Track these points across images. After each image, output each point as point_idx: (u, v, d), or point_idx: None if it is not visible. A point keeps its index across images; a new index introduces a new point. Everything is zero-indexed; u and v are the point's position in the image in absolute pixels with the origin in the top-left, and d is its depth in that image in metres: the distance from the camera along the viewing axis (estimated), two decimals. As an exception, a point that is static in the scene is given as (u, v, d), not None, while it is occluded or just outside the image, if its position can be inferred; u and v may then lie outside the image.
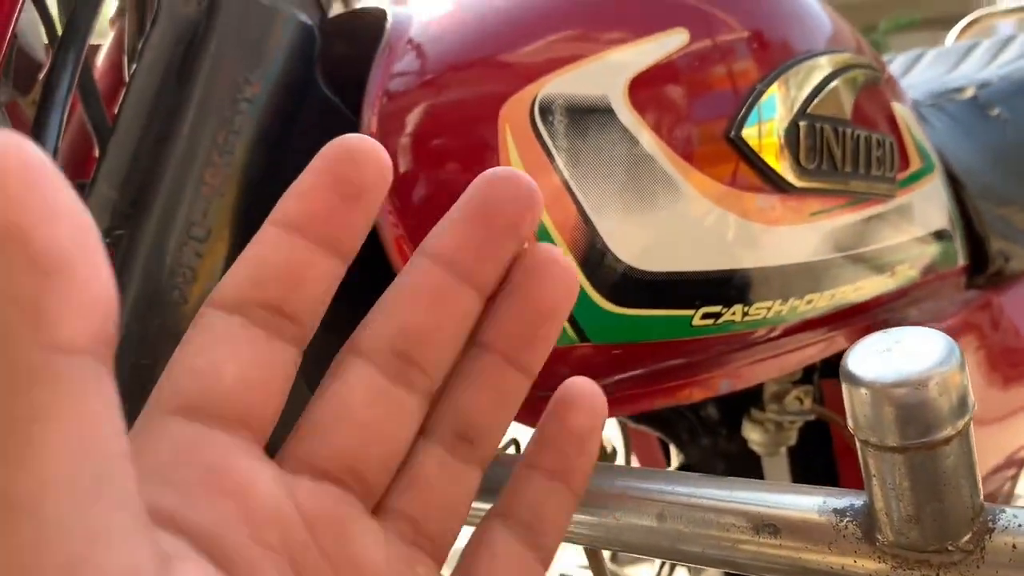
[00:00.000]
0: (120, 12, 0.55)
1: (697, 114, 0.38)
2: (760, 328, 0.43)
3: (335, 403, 0.19)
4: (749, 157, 0.39)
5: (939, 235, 0.60)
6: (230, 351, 0.18)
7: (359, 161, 0.18)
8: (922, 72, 0.99)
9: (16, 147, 0.11)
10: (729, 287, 0.40)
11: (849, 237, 0.46)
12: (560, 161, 0.36)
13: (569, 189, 0.36)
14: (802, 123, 0.41)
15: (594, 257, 0.37)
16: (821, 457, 0.62)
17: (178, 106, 0.35)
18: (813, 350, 0.51)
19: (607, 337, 0.38)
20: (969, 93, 0.80)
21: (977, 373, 0.66)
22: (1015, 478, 0.78)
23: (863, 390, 0.25)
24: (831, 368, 0.64)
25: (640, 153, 0.37)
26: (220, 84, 0.35)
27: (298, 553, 0.17)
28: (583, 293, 0.37)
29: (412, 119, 0.36)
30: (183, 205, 0.34)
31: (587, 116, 0.36)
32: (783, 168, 0.40)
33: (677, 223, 0.38)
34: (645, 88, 0.37)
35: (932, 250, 0.59)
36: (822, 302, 0.46)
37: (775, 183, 0.40)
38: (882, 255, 0.50)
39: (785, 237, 0.42)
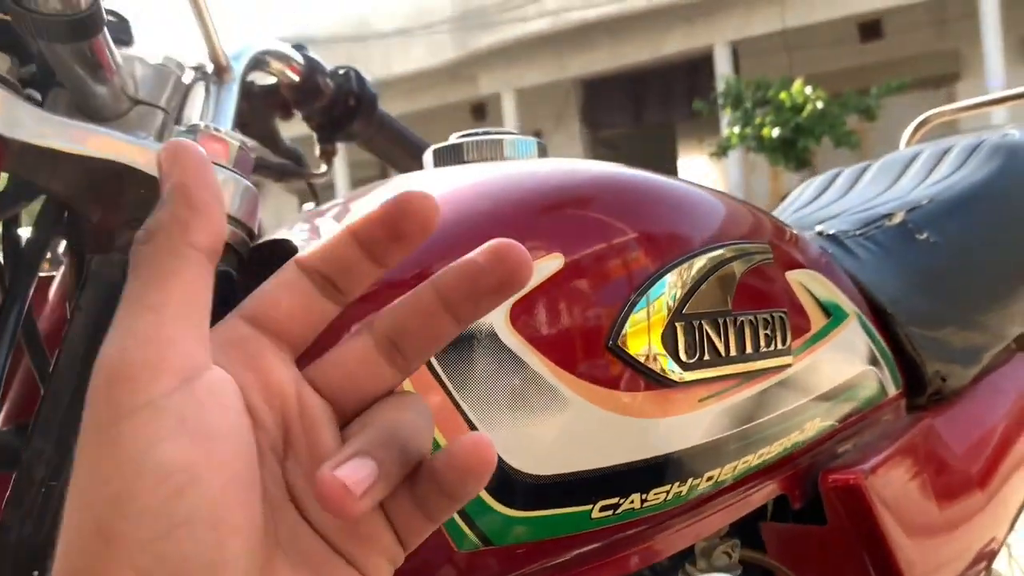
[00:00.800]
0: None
1: (577, 329, 0.42)
2: (662, 510, 0.46)
3: (342, 353, 0.29)
4: (629, 362, 0.43)
5: (858, 379, 0.63)
6: (288, 291, 0.28)
7: (407, 212, 0.27)
8: (863, 190, 1.04)
9: (183, 146, 0.26)
10: (624, 480, 0.44)
11: (744, 413, 0.49)
12: (452, 387, 0.39)
13: (459, 408, 0.40)
14: (679, 323, 0.45)
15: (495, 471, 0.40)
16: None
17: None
18: (734, 509, 0.54)
19: (509, 539, 0.42)
20: (898, 219, 0.84)
21: (921, 493, 0.69)
22: (987, 570, 0.80)
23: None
24: (781, 512, 0.67)
25: (526, 372, 0.41)
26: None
27: (288, 420, 0.27)
28: (481, 501, 0.40)
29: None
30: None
31: (474, 343, 0.40)
32: (664, 367, 0.44)
33: (566, 429, 0.42)
34: (526, 312, 0.41)
35: (852, 395, 0.62)
36: (725, 475, 0.49)
37: (658, 380, 0.44)
38: (785, 419, 0.53)
39: (674, 426, 0.45)
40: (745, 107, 10.69)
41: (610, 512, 0.44)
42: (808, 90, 10.21)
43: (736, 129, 10.72)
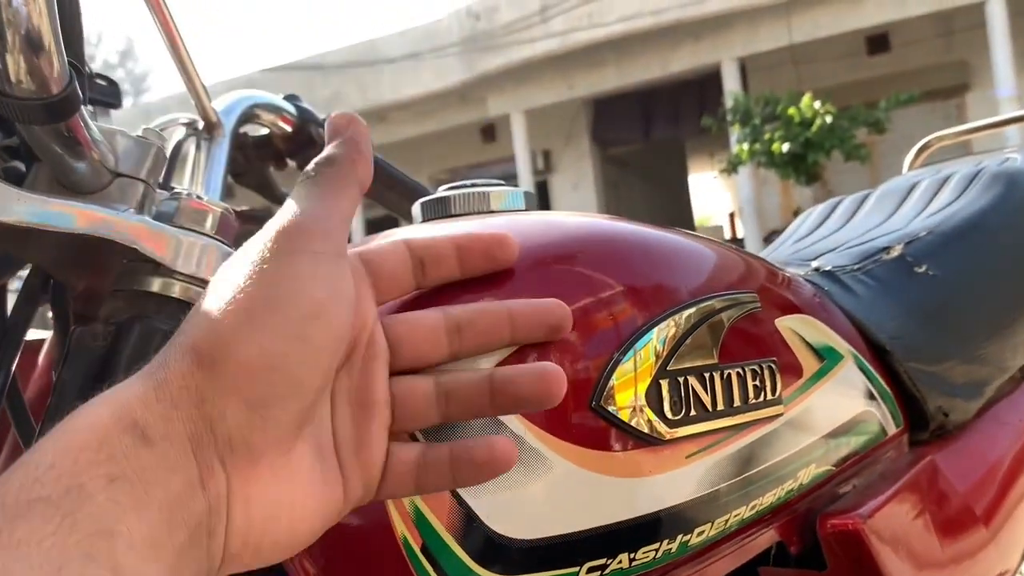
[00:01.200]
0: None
1: (559, 391, 0.42)
2: (653, 567, 0.46)
3: (418, 318, 0.37)
4: (613, 421, 0.43)
5: (855, 420, 0.63)
6: (393, 256, 0.37)
7: (502, 244, 0.41)
8: (863, 219, 1.03)
9: (351, 116, 0.37)
10: (610, 540, 0.43)
11: (734, 466, 0.49)
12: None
13: (443, 475, 0.39)
14: (663, 380, 0.45)
15: (473, 534, 0.40)
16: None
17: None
18: (730, 559, 0.53)
19: (494, 604, 0.41)
20: (896, 252, 0.84)
21: (924, 533, 0.68)
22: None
23: None
24: (782, 554, 0.66)
25: (507, 434, 0.41)
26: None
27: (358, 342, 0.34)
28: (467, 567, 0.40)
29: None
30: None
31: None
32: (650, 425, 0.44)
33: (550, 492, 0.42)
34: (507, 375, 0.41)
35: (850, 437, 0.62)
36: (717, 529, 0.49)
37: (644, 439, 0.44)
38: (778, 468, 0.53)
39: (661, 484, 0.45)
40: (754, 123, 10.69)
41: (598, 573, 0.43)
42: (817, 104, 10.21)
43: (746, 145, 10.72)
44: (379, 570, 0.39)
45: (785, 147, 10.24)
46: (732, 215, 19.69)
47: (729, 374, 0.48)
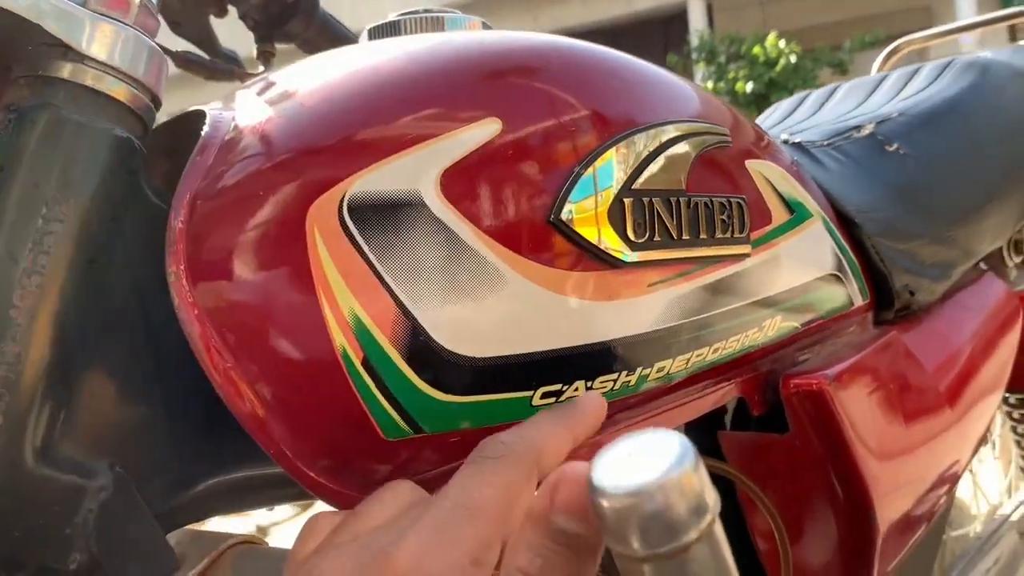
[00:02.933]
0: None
1: (514, 201, 0.39)
2: (609, 401, 0.43)
3: None
4: (572, 238, 0.40)
5: (822, 281, 0.60)
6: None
7: None
8: (833, 108, 1.01)
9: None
10: (567, 365, 0.41)
11: (698, 302, 0.46)
12: (374, 258, 0.36)
13: (386, 284, 0.36)
14: (626, 199, 0.41)
15: (419, 348, 0.37)
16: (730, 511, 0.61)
17: (-12, 229, 0.35)
18: (689, 408, 0.51)
19: (442, 426, 0.38)
20: (868, 130, 0.81)
21: (886, 406, 0.66)
22: (950, 493, 0.78)
23: (604, 501, 0.26)
24: (741, 422, 0.64)
25: (457, 244, 0.37)
26: (28, 205, 0.35)
27: None
28: (412, 385, 0.37)
29: (219, 224, 0.36)
30: (-8, 329, 0.34)
31: (399, 212, 0.36)
32: (610, 245, 0.41)
33: (503, 309, 0.38)
34: (457, 180, 0.37)
35: (816, 299, 0.60)
36: (678, 368, 0.46)
37: (604, 260, 0.41)
38: (743, 313, 0.50)
39: (622, 311, 0.42)
40: (719, 62, 10.61)
41: (552, 399, 0.41)
42: (782, 44, 10.15)
43: (710, 83, 10.65)
44: (315, 383, 0.36)
45: (749, 86, 10.19)
46: (694, 157, 19.64)
47: (696, 203, 0.45)
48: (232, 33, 0.79)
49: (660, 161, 0.43)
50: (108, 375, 0.38)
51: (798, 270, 0.57)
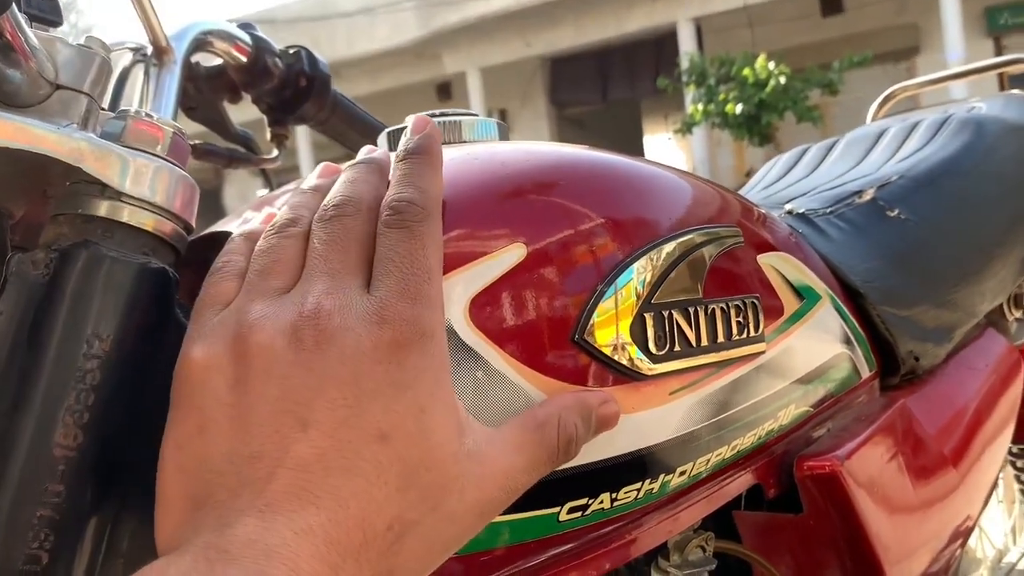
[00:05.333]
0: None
1: (540, 323, 0.40)
2: (634, 508, 0.44)
3: None
4: (596, 356, 0.41)
5: (832, 362, 0.62)
6: None
7: None
8: (831, 166, 1.02)
9: None
10: (593, 479, 0.42)
11: (717, 404, 0.47)
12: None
13: (418, 412, 0.37)
14: (647, 314, 0.43)
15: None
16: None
17: (29, 370, 0.36)
18: (709, 502, 0.52)
19: (472, 546, 0.39)
20: (868, 196, 0.83)
21: (897, 476, 0.67)
22: (961, 548, 0.79)
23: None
24: (755, 498, 0.65)
25: (487, 369, 0.38)
26: (69, 343, 0.36)
27: None
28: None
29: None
30: (37, 470, 0.35)
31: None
32: (633, 360, 0.42)
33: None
34: (485, 306, 0.39)
35: (826, 378, 0.61)
36: (699, 469, 0.47)
37: (627, 374, 0.42)
38: (760, 407, 0.51)
39: (645, 421, 0.43)
40: (709, 83, 10.70)
41: (579, 514, 0.42)
42: (771, 66, 10.24)
43: (700, 106, 10.73)
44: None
45: (739, 108, 10.27)
46: (686, 176, 19.70)
47: (713, 309, 0.46)
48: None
49: (678, 272, 0.45)
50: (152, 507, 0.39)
51: (810, 355, 0.58)
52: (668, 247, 0.45)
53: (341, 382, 0.31)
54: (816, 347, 0.59)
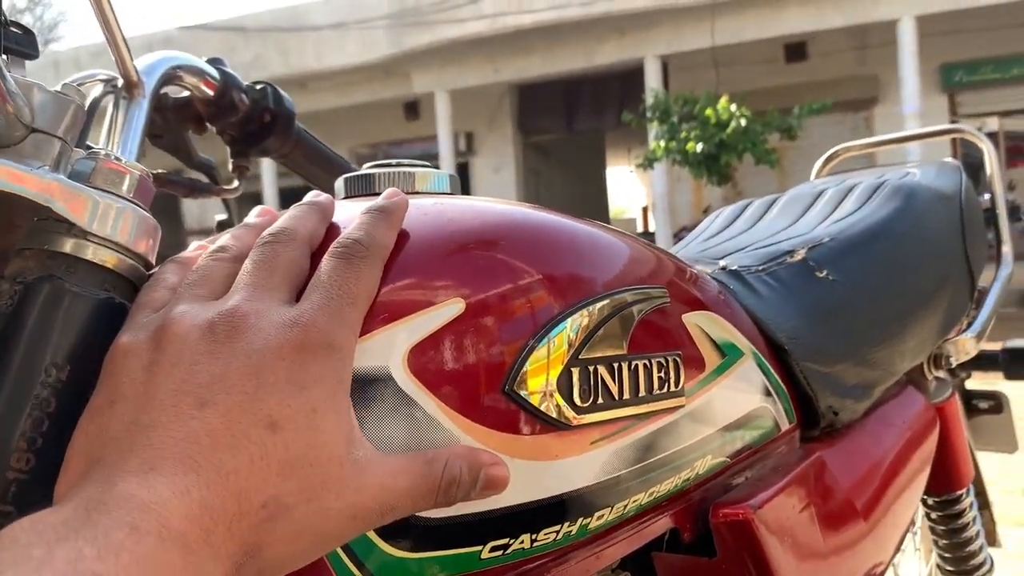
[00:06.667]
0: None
1: (473, 373, 0.43)
2: (553, 549, 0.47)
3: None
4: (524, 406, 0.44)
5: (751, 416, 0.66)
6: None
7: None
8: (770, 223, 1.07)
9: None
10: (515, 521, 0.45)
11: (636, 453, 0.51)
12: (344, 428, 0.40)
13: (354, 452, 0.40)
14: (574, 369, 0.46)
15: (380, 510, 0.41)
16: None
17: (-9, 396, 0.38)
18: (627, 543, 0.55)
19: (398, 579, 0.42)
20: (799, 256, 0.87)
21: (809, 526, 0.71)
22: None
23: None
24: (676, 540, 0.68)
25: (421, 415, 0.41)
26: (27, 372, 0.39)
27: None
28: (370, 542, 0.41)
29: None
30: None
31: (369, 387, 0.40)
32: (558, 411, 0.45)
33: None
34: (423, 356, 0.42)
35: (745, 431, 0.65)
36: (616, 514, 0.51)
37: (552, 424, 0.45)
38: (677, 457, 0.55)
39: (566, 469, 0.46)
40: (672, 121, 10.88)
41: (500, 552, 0.45)
42: (733, 107, 10.45)
43: (662, 142, 10.90)
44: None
45: (699, 147, 10.45)
46: (645, 209, 20.01)
47: (637, 365, 0.50)
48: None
49: (606, 329, 0.48)
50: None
51: (730, 408, 0.62)
52: (598, 305, 0.48)
53: (244, 372, 0.35)
54: (736, 400, 0.63)
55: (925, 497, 1.11)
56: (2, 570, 0.28)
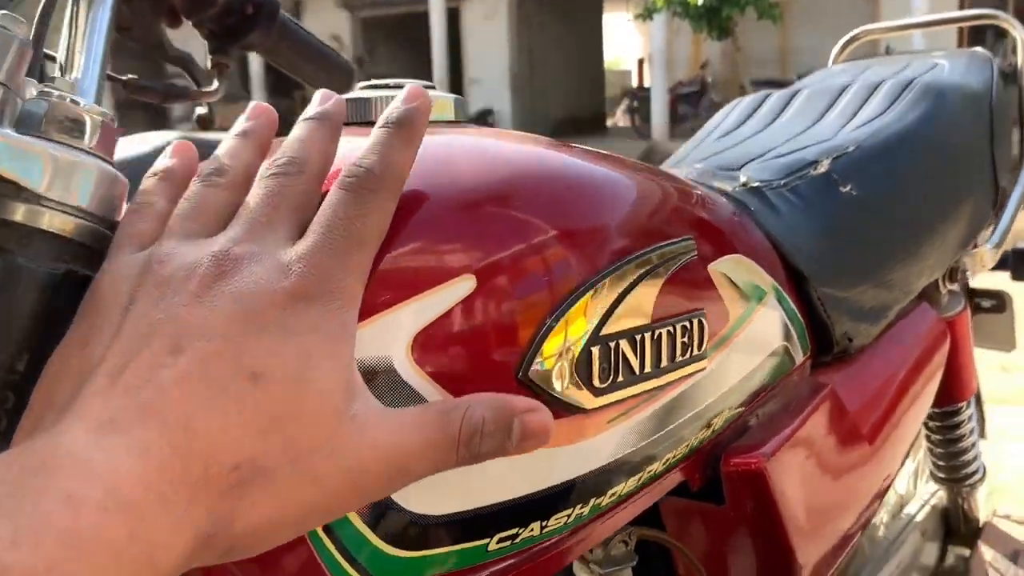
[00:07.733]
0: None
1: (484, 360, 0.39)
2: (562, 533, 0.44)
3: None
4: (539, 394, 0.40)
5: (770, 356, 0.62)
6: None
7: None
8: (789, 121, 1.01)
9: None
10: (524, 511, 0.41)
11: (653, 424, 0.47)
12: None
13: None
14: (594, 348, 0.42)
15: (378, 510, 0.37)
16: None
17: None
18: (636, 508, 0.52)
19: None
20: (823, 168, 0.82)
21: (820, 464, 0.69)
22: (874, 510, 0.83)
23: None
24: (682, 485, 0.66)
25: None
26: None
27: None
28: (367, 541, 0.37)
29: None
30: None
31: (371, 381, 0.36)
32: (575, 396, 0.41)
33: (465, 467, 0.38)
34: (428, 344, 0.37)
35: (761, 374, 0.61)
36: (629, 488, 0.48)
37: (568, 408, 0.41)
38: (695, 419, 0.51)
39: (580, 452, 0.43)
40: (674, -31, 10.43)
41: (508, 543, 0.42)
42: (738, -44, 10.00)
43: (663, -5, 10.49)
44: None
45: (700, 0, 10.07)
46: (641, 62, 19.45)
47: (660, 333, 0.46)
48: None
49: (630, 300, 0.44)
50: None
51: (750, 357, 0.58)
52: (624, 270, 0.43)
53: (229, 317, 0.31)
54: (757, 347, 0.59)
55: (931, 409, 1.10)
56: None
